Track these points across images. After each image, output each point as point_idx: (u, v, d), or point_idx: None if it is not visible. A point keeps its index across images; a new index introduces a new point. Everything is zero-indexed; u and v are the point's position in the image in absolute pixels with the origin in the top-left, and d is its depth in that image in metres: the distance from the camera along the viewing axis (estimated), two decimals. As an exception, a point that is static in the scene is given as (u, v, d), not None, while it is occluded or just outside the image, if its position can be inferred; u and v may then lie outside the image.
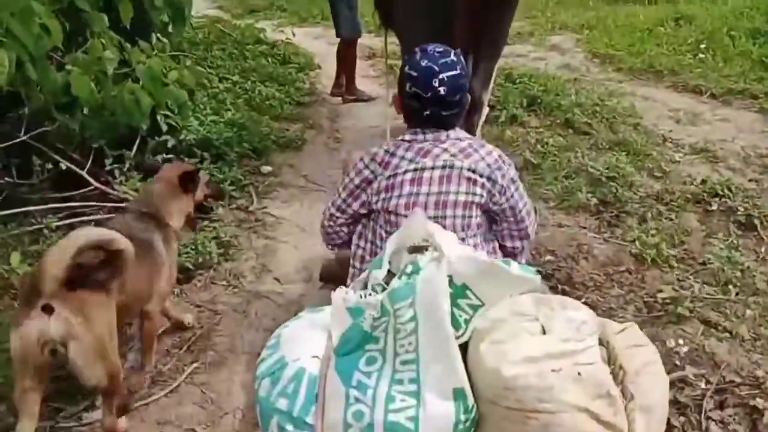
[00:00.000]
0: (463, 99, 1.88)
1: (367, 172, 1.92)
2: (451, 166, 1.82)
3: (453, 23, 3.21)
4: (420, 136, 1.89)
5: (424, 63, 1.82)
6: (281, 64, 6.35)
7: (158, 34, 3.69)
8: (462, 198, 1.83)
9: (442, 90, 1.79)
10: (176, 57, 3.74)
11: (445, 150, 1.85)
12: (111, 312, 1.71)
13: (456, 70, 1.82)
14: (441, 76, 1.79)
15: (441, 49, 1.85)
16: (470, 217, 1.86)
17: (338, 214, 2.02)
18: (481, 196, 1.85)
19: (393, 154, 1.89)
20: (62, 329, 1.54)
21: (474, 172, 1.83)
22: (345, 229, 2.06)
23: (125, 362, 2.09)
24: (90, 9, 2.80)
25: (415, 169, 1.84)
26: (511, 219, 1.93)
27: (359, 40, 5.68)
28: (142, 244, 1.93)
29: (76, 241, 1.54)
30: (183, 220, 2.23)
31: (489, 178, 1.84)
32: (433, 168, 1.83)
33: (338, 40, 5.49)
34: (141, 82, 2.88)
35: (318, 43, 7.66)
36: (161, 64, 3.04)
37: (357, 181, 1.94)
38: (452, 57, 1.84)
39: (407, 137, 1.90)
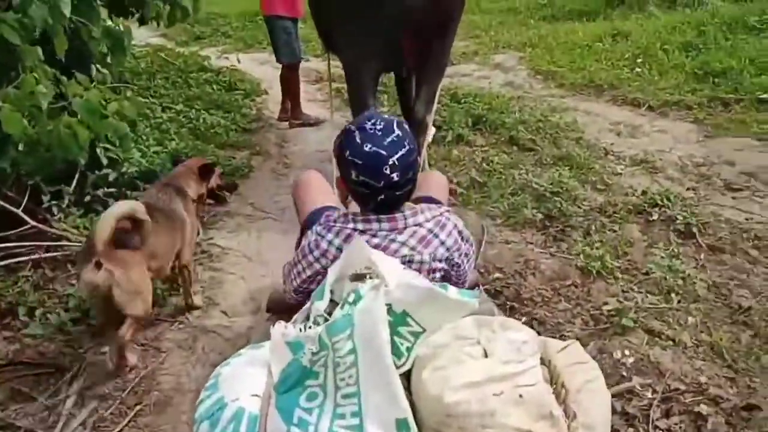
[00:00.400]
0: (416, 171, 1.70)
1: (318, 266, 1.75)
2: (411, 261, 1.69)
3: (400, 45, 3.24)
4: (374, 226, 1.68)
5: (368, 148, 1.59)
6: (227, 90, 6.31)
7: (98, 66, 3.62)
8: None
9: (395, 176, 1.60)
10: (117, 88, 3.67)
11: (404, 244, 1.68)
12: (143, 266, 2.26)
13: (405, 146, 1.62)
14: (391, 161, 1.59)
15: (381, 126, 1.62)
16: None
17: (299, 294, 1.88)
18: (440, 277, 1.77)
19: None
20: (106, 279, 2.10)
21: (434, 260, 1.72)
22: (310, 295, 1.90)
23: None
24: (21, 43, 2.72)
25: None
26: (454, 278, 1.84)
27: (306, 65, 5.68)
28: (167, 208, 2.55)
29: (114, 212, 2.11)
30: (196, 196, 2.82)
31: (447, 260, 1.76)
32: None
33: (283, 65, 5.49)
34: (78, 116, 2.82)
35: (264, 68, 7.63)
36: (100, 96, 2.97)
37: (309, 272, 1.78)
38: (396, 131, 1.62)
39: (360, 226, 1.69)
